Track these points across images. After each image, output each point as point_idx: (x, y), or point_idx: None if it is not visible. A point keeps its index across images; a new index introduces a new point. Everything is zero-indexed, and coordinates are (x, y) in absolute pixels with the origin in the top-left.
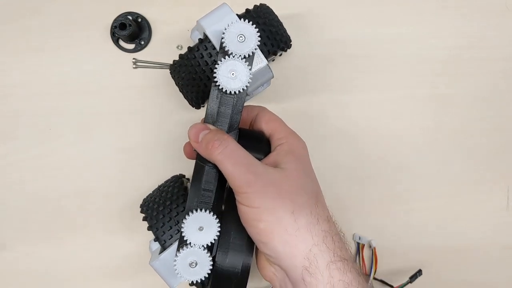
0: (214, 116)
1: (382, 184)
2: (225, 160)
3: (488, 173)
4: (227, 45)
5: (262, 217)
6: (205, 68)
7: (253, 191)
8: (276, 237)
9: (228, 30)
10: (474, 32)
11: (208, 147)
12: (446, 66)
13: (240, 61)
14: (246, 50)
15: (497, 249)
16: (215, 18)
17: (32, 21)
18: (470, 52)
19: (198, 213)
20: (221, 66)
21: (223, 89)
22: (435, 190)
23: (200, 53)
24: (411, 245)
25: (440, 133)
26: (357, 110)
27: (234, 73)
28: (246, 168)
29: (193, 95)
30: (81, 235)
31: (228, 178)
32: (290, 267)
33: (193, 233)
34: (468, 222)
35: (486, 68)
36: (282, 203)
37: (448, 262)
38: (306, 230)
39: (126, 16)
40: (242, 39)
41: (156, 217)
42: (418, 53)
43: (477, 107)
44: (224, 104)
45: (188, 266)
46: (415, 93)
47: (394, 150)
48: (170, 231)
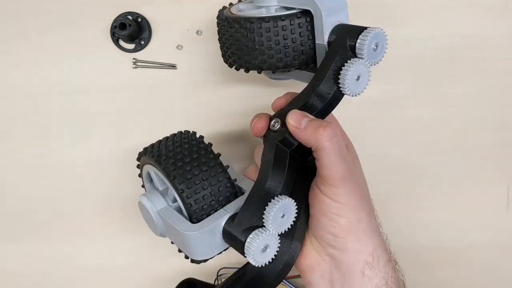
0: (316, 108)
1: (382, 184)
2: (333, 149)
3: (488, 173)
4: (364, 51)
5: (345, 214)
6: (293, 37)
7: (344, 187)
8: (352, 233)
9: (369, 37)
10: (474, 32)
11: (318, 131)
12: (446, 66)
13: (367, 66)
14: (376, 59)
15: (497, 249)
16: (332, 4)
17: (32, 21)
18: (470, 52)
19: (285, 200)
20: (351, 67)
21: (344, 90)
22: (435, 190)
23: (296, 23)
24: (411, 245)
25: (440, 133)
26: (357, 110)
27: (359, 77)
28: (347, 163)
29: (252, 58)
30: (81, 235)
31: (326, 167)
32: (352, 261)
33: (276, 221)
34: (468, 222)
35: (486, 68)
36: (364, 205)
37: (448, 262)
38: (376, 231)
39: (126, 16)
40: (376, 48)
41: (191, 181)
42: (418, 53)
43: (477, 107)
44: (332, 102)
45: (260, 251)
46: (415, 93)
47: (394, 150)
48: (204, 197)
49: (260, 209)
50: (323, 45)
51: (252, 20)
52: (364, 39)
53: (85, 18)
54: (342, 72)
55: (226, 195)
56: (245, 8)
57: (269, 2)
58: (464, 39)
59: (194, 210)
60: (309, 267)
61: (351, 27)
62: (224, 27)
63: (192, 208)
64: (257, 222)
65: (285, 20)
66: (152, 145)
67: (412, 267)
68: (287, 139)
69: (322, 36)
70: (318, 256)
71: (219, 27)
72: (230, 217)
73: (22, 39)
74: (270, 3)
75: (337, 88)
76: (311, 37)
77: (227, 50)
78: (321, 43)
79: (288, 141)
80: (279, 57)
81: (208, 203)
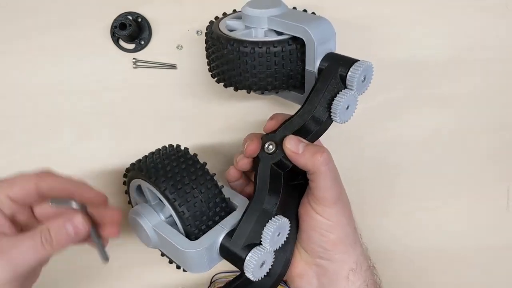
0: (310, 132)
1: (381, 184)
2: (329, 173)
3: (488, 173)
4: (355, 83)
5: (335, 230)
6: (282, 62)
7: (336, 208)
8: (340, 247)
9: (360, 70)
10: (474, 32)
11: (316, 157)
12: (446, 66)
13: (356, 97)
14: (363, 89)
15: (497, 249)
16: (323, 34)
17: (32, 21)
18: (470, 52)
19: (281, 220)
20: (343, 98)
21: (335, 118)
22: (434, 190)
23: (288, 49)
24: (410, 245)
25: (440, 133)
26: (357, 110)
27: (349, 106)
28: (340, 187)
29: (247, 80)
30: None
31: (322, 190)
32: (338, 269)
33: (273, 239)
34: (468, 222)
35: (486, 68)
36: (351, 221)
37: (448, 262)
38: (359, 243)
39: (126, 16)
40: (364, 80)
41: (185, 197)
42: (418, 53)
43: (477, 107)
44: (323, 127)
45: (259, 267)
46: (415, 93)
47: (394, 150)
48: (196, 213)
49: (257, 228)
50: (313, 72)
51: (246, 44)
52: (355, 72)
53: (85, 18)
54: (334, 103)
55: (217, 211)
56: (234, 25)
57: (260, 24)
58: (464, 39)
59: (188, 226)
60: (298, 275)
61: (342, 57)
62: (216, 46)
63: (186, 224)
64: (254, 240)
65: (277, 47)
66: (138, 161)
67: (412, 267)
68: (282, 161)
69: (313, 63)
70: (306, 266)
71: (209, 43)
72: (228, 233)
73: (22, 39)
74: (260, 25)
75: (328, 115)
76: (300, 63)
77: (217, 68)
78: (312, 70)
79: (283, 163)
80: (269, 81)
81: (200, 219)
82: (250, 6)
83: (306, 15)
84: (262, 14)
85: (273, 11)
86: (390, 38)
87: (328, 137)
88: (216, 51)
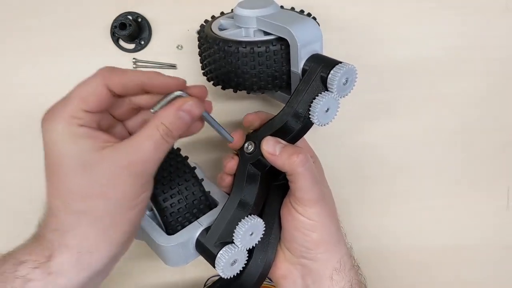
0: (289, 133)
1: (382, 184)
2: (307, 174)
3: (488, 173)
4: (335, 85)
5: (317, 230)
6: (269, 63)
7: (317, 208)
8: (322, 246)
9: (340, 72)
10: (474, 32)
11: (292, 158)
12: (446, 66)
13: (337, 100)
14: (345, 92)
15: (497, 249)
16: (308, 35)
17: (32, 21)
18: (470, 52)
19: (254, 220)
20: (322, 101)
21: (314, 120)
22: (435, 190)
23: (272, 50)
24: (411, 245)
25: (440, 133)
26: (357, 110)
27: (329, 109)
28: (319, 187)
29: (235, 80)
30: None
31: (301, 190)
32: (322, 269)
33: (244, 239)
34: (468, 222)
35: (486, 68)
36: (333, 220)
37: (448, 262)
38: (343, 243)
39: (126, 16)
40: (346, 83)
41: (167, 195)
42: (418, 53)
43: (477, 107)
44: (303, 128)
45: (230, 265)
46: (415, 93)
47: (394, 150)
48: (179, 210)
49: (231, 227)
50: (297, 73)
51: (230, 44)
52: (335, 74)
53: (85, 18)
54: (312, 105)
55: (200, 207)
56: (226, 24)
57: (249, 24)
58: (464, 39)
59: (170, 222)
60: (282, 276)
61: (325, 59)
62: (205, 45)
63: (168, 220)
64: (228, 238)
65: (261, 47)
66: None
67: (412, 267)
68: (260, 161)
69: (297, 64)
70: (290, 266)
71: (200, 42)
72: (204, 229)
73: (22, 39)
74: (249, 25)
75: (308, 117)
76: (285, 64)
77: (206, 66)
78: (296, 71)
79: (261, 163)
80: (254, 81)
81: (183, 215)
82: (241, 6)
83: (294, 16)
84: (251, 14)
85: (262, 11)
86: (390, 38)
87: (328, 137)
88: (205, 50)
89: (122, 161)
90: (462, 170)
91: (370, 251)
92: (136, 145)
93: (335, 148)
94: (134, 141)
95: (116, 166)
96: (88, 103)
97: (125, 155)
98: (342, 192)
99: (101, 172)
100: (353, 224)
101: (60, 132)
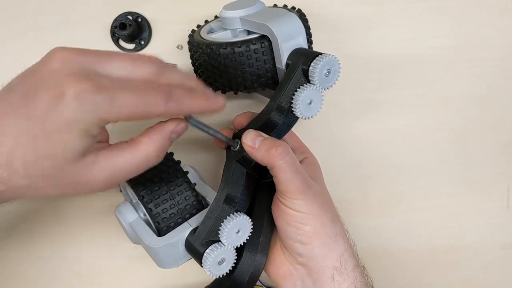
0: (273, 128)
1: (382, 184)
2: (287, 167)
3: (488, 173)
4: (316, 77)
5: (309, 221)
6: (252, 62)
7: (305, 198)
8: (317, 239)
9: (320, 63)
10: (474, 32)
11: (271, 151)
12: (446, 66)
13: (319, 92)
14: (328, 84)
15: (497, 249)
16: (288, 30)
17: (32, 21)
18: (470, 52)
19: (239, 217)
20: (303, 93)
21: (297, 113)
22: (435, 190)
23: (252, 49)
24: (411, 245)
25: (440, 133)
26: (357, 110)
27: (312, 101)
28: (302, 177)
29: (224, 82)
30: (81, 236)
31: (283, 183)
32: (321, 267)
33: (231, 236)
34: (468, 222)
35: (486, 68)
36: (326, 211)
37: (448, 262)
38: (341, 237)
39: (126, 16)
40: (328, 74)
41: (159, 200)
42: (418, 53)
43: (477, 107)
44: (288, 123)
45: (217, 263)
46: (415, 93)
47: (394, 150)
48: (171, 215)
49: (217, 225)
50: (282, 69)
51: (212, 46)
52: (315, 66)
53: (85, 18)
54: (294, 97)
55: (192, 212)
56: (216, 27)
57: (234, 25)
58: (464, 39)
59: (162, 227)
60: (282, 277)
61: (306, 52)
62: (193, 50)
63: (160, 226)
64: (215, 237)
65: (241, 47)
66: None
67: (412, 267)
68: (244, 157)
69: (280, 60)
70: (290, 266)
71: (189, 48)
72: (193, 230)
73: (22, 39)
74: (235, 26)
75: (291, 110)
76: (269, 62)
77: (197, 71)
78: (280, 67)
79: (246, 159)
80: (239, 81)
81: (175, 220)
82: (225, 8)
83: (275, 12)
84: (234, 14)
85: (245, 11)
86: (390, 38)
87: (328, 137)
88: (193, 54)
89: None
90: (462, 170)
91: (370, 251)
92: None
93: (335, 148)
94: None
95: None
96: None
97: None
98: (341, 193)
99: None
100: (353, 224)
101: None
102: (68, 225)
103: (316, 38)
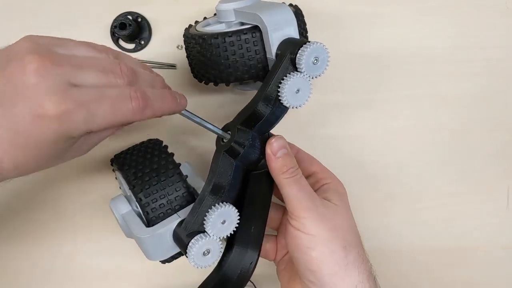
0: (260, 118)
1: (382, 184)
2: (293, 184)
3: (488, 173)
4: (303, 65)
5: (317, 246)
6: (246, 54)
7: (310, 217)
8: (326, 267)
9: (307, 51)
10: (474, 32)
11: (282, 169)
12: (446, 66)
13: (307, 80)
14: (317, 72)
15: (497, 249)
16: (278, 19)
17: (32, 21)
18: (470, 52)
19: (225, 207)
20: (289, 80)
21: (284, 102)
22: (435, 190)
23: (243, 38)
24: (411, 245)
25: (440, 133)
26: (357, 110)
27: (299, 90)
28: (308, 195)
29: (216, 74)
30: (80, 234)
31: (289, 200)
32: None
33: (215, 226)
34: (468, 222)
35: (486, 68)
36: (336, 236)
37: (448, 262)
38: (354, 267)
39: (126, 16)
40: (316, 62)
41: (149, 190)
42: (418, 53)
43: (477, 107)
44: (275, 113)
45: (201, 254)
46: (415, 93)
47: (394, 150)
48: (160, 205)
49: (203, 215)
50: (273, 59)
51: (204, 36)
52: (302, 53)
53: (85, 18)
54: (281, 85)
55: (182, 203)
56: (212, 22)
57: (228, 17)
58: (464, 39)
59: (151, 218)
60: None
61: (294, 41)
62: (187, 43)
63: (149, 216)
64: (201, 228)
65: (232, 36)
66: (121, 152)
67: (412, 267)
68: (232, 148)
69: (270, 50)
70: None
71: (183, 42)
72: (181, 221)
73: None
74: (229, 19)
75: (278, 100)
76: (259, 52)
77: (191, 64)
78: (271, 57)
79: (233, 150)
80: (230, 72)
81: (164, 211)
82: (221, 2)
83: (270, 5)
84: (229, 7)
85: (239, 4)
86: (390, 37)
87: (328, 138)
88: (188, 48)
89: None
90: (462, 170)
91: (370, 251)
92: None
93: (335, 148)
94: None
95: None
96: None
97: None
98: None
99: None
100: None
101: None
102: (63, 220)
103: (316, 37)
